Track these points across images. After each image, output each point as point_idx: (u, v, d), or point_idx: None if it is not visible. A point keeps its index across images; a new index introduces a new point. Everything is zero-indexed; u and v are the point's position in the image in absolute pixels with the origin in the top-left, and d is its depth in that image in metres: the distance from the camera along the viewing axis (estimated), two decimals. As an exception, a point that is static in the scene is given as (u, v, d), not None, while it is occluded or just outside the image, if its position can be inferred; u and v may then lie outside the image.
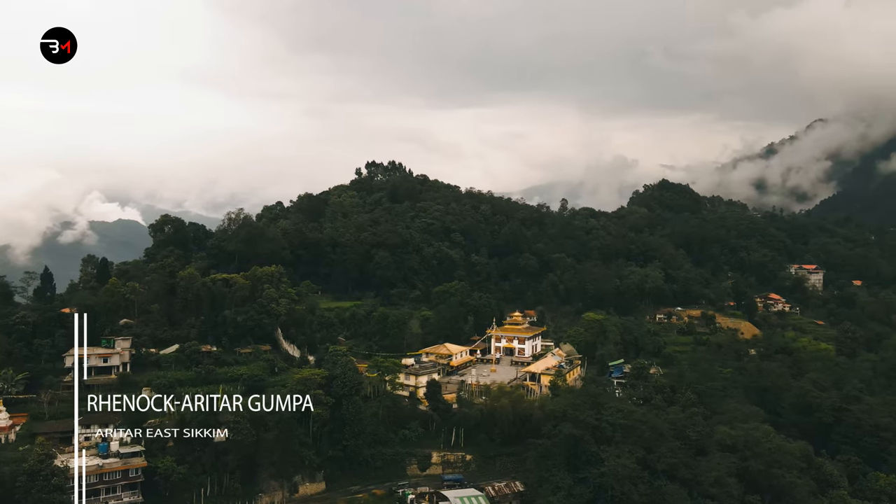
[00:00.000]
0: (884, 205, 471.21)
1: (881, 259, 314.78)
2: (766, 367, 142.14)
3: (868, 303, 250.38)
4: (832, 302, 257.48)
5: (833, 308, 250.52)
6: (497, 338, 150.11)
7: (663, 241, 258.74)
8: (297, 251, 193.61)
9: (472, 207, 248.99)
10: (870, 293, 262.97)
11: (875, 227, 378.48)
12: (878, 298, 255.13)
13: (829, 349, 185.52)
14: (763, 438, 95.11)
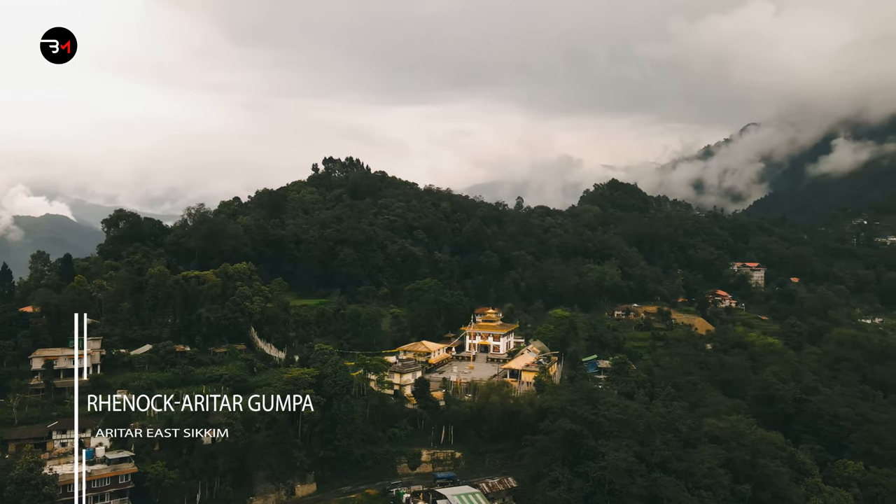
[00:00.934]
0: (812, 205, 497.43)
1: (815, 257, 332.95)
2: (728, 361, 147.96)
3: (806, 298, 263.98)
4: (774, 298, 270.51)
5: (775, 304, 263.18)
6: (472, 335, 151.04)
7: (618, 240, 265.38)
8: (259, 248, 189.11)
9: (432, 205, 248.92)
10: (808, 289, 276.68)
11: (807, 227, 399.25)
12: (815, 294, 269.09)
13: (777, 343, 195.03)
14: (747, 430, 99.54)
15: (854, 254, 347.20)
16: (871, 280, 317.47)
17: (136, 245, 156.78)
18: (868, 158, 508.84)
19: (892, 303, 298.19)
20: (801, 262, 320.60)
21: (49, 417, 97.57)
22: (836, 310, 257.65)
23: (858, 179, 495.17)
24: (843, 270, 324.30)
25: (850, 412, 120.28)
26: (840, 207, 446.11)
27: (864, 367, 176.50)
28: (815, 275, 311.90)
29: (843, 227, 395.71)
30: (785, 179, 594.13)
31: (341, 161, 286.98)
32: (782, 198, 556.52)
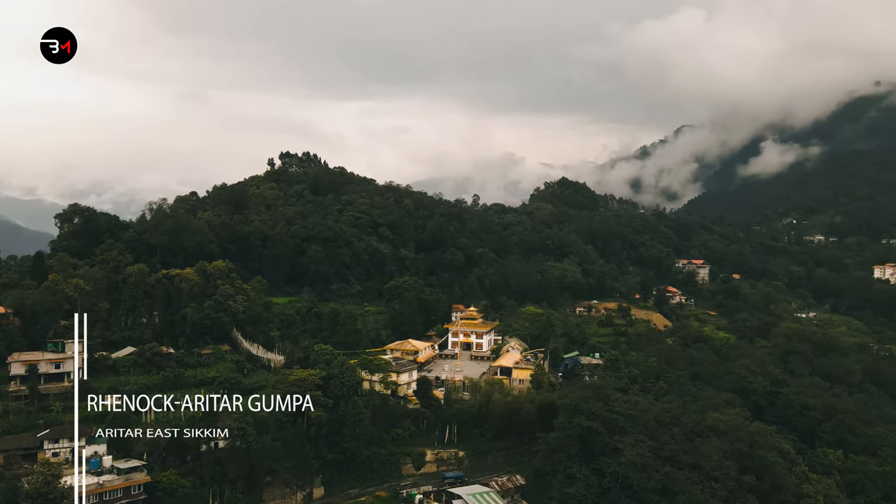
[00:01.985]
0: (743, 205, 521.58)
1: (752, 255, 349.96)
2: (698, 356, 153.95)
3: (749, 294, 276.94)
4: (719, 294, 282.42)
5: (721, 300, 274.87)
6: (455, 333, 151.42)
7: (574, 237, 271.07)
8: (224, 245, 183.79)
9: (394, 201, 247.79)
10: (750, 286, 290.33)
11: (742, 226, 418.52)
12: (758, 290, 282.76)
13: (730, 338, 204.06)
14: (744, 423, 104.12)
15: (787, 251, 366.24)
16: (803, 276, 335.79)
17: (110, 242, 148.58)
18: (794, 160, 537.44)
19: (822, 297, 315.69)
20: (739, 259, 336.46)
21: (35, 426, 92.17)
22: (777, 305, 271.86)
23: (785, 180, 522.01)
24: (778, 267, 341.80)
25: (819, 403, 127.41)
26: (771, 207, 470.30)
27: (812, 360, 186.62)
28: (753, 271, 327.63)
29: (775, 225, 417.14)
30: (717, 179, 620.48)
31: (298, 156, 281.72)
32: (715, 197, 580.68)
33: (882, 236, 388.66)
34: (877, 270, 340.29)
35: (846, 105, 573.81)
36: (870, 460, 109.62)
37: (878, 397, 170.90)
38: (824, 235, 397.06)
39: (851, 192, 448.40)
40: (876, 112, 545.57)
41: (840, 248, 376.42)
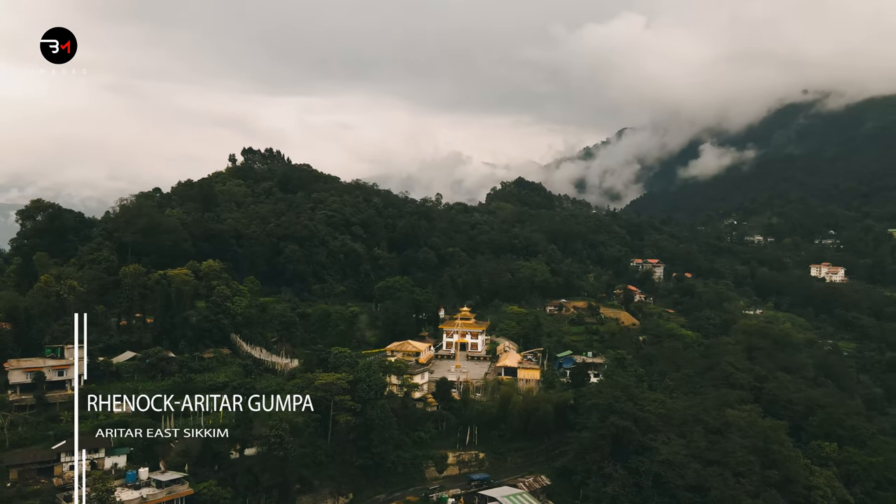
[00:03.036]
0: (683, 205, 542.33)
1: (699, 254, 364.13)
2: (682, 352, 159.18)
3: (704, 292, 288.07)
4: (676, 292, 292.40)
5: (677, 298, 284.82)
6: (449, 333, 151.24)
7: (541, 237, 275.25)
8: (198, 243, 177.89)
9: (363, 200, 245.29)
10: (704, 284, 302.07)
11: (687, 226, 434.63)
12: (711, 288, 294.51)
13: (695, 335, 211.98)
14: (759, 418, 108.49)
15: (731, 251, 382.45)
16: (747, 275, 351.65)
17: (98, 241, 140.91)
18: (730, 163, 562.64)
19: (765, 295, 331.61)
20: (689, 258, 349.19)
21: (44, 437, 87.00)
22: (730, 302, 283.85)
23: (723, 182, 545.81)
24: (724, 266, 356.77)
25: (802, 397, 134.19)
26: (712, 209, 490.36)
27: (775, 355, 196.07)
28: (702, 270, 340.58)
29: (717, 226, 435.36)
30: (658, 181, 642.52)
31: (261, 152, 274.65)
32: (656, 198, 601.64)
33: (815, 237, 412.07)
34: (813, 269, 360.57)
35: (777, 111, 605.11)
36: (859, 452, 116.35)
37: (832, 390, 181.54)
38: (763, 236, 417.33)
39: (784, 195, 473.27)
40: (804, 119, 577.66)
41: (778, 247, 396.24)
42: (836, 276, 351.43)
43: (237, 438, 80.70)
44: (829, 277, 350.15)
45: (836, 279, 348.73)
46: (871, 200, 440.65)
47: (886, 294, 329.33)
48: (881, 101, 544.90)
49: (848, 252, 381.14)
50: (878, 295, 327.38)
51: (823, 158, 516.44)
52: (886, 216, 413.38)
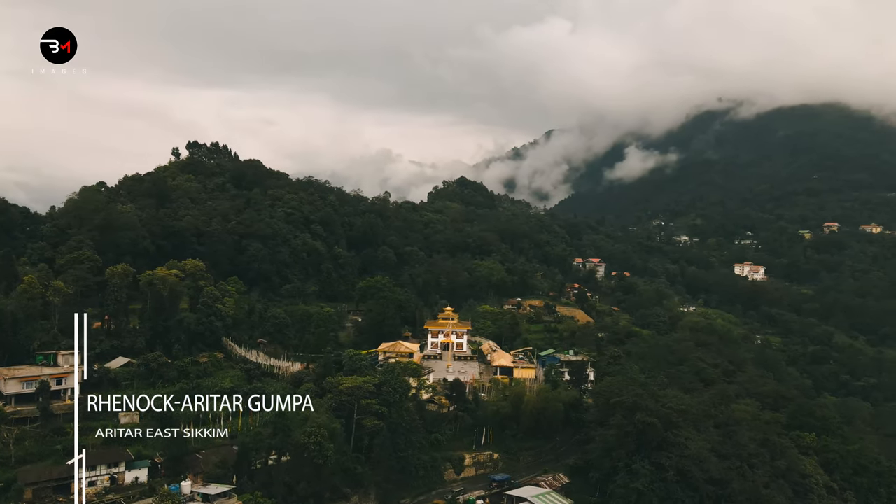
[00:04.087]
0: (609, 206, 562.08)
1: (634, 253, 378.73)
2: (656, 349, 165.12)
3: (644, 291, 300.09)
4: (618, 291, 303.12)
5: (620, 296, 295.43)
6: (434, 333, 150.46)
7: (494, 236, 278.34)
8: (157, 241, 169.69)
9: (319, 197, 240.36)
10: (644, 283, 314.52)
11: (619, 226, 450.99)
12: (651, 287, 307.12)
13: (649, 333, 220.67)
14: (759, 412, 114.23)
15: (661, 251, 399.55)
16: (677, 273, 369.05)
17: (78, 239, 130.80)
18: (654, 166, 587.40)
19: (695, 293, 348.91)
20: (624, 257, 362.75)
21: (52, 452, 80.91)
22: (668, 300, 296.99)
23: (647, 184, 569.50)
24: (656, 265, 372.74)
25: (771, 390, 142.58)
26: (639, 210, 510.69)
27: (722, 351, 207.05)
28: (636, 269, 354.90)
29: (646, 226, 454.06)
30: (585, 182, 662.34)
31: (207, 146, 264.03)
32: (583, 198, 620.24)
33: (735, 237, 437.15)
34: (737, 268, 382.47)
35: (695, 118, 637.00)
36: (835, 440, 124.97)
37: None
38: (689, 236, 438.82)
39: (706, 198, 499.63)
40: (720, 125, 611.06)
41: (704, 247, 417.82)
42: (757, 274, 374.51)
43: (274, 446, 77.47)
44: (752, 276, 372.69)
45: (757, 277, 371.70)
46: (783, 204, 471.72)
47: (803, 291, 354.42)
48: (789, 110, 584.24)
49: (765, 252, 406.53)
50: (796, 292, 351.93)
51: (738, 163, 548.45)
52: (797, 218, 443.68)
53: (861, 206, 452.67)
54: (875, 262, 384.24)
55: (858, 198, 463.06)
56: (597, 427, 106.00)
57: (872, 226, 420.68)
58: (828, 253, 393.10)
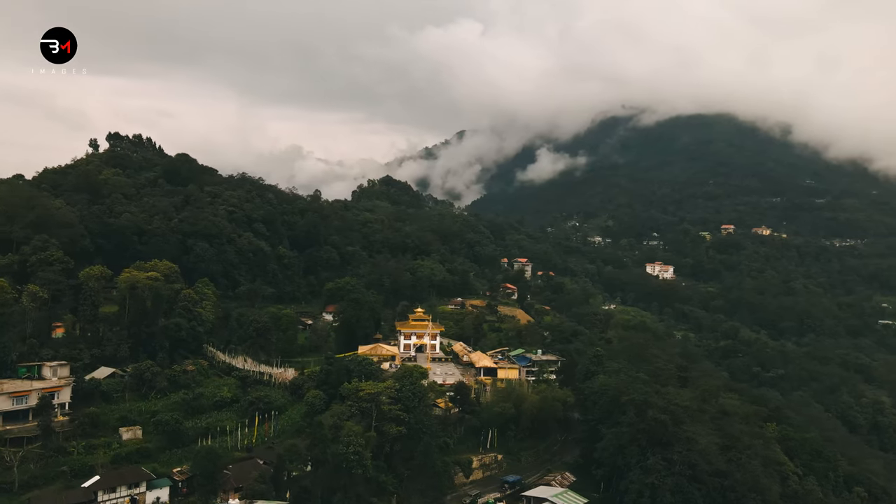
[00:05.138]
0: (522, 206, 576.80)
1: (554, 253, 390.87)
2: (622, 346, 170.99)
3: (571, 290, 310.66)
4: (546, 290, 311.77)
5: (548, 295, 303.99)
6: (407, 335, 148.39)
7: (432, 237, 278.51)
8: (96, 240, 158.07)
9: (257, 195, 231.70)
10: (571, 281, 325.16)
11: (538, 227, 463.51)
12: (578, 286, 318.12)
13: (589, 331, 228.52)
14: (741, 405, 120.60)
15: (580, 251, 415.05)
16: (595, 273, 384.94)
17: (43, 238, 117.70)
18: (564, 168, 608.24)
19: (612, 291, 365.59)
20: (546, 257, 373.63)
21: (59, 474, 73.72)
22: (594, 299, 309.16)
23: (558, 186, 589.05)
24: (576, 265, 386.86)
25: (722, 384, 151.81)
26: (551, 211, 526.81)
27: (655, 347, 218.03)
28: (558, 269, 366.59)
29: (563, 227, 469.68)
30: (497, 182, 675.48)
31: (129, 139, 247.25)
32: (496, 199, 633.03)
33: (643, 238, 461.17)
34: (648, 267, 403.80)
35: (601, 123, 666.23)
36: (793, 429, 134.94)
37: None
38: (602, 237, 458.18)
39: (614, 200, 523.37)
40: (624, 131, 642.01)
41: (617, 248, 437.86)
42: (667, 273, 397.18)
43: (313, 457, 73.98)
44: (662, 275, 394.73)
45: (667, 276, 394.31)
46: (684, 207, 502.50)
47: (709, 289, 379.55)
48: (685, 119, 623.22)
49: (672, 252, 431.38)
50: (703, 290, 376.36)
51: (642, 168, 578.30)
52: (697, 221, 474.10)
53: (751, 209, 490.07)
54: (768, 262, 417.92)
55: (749, 202, 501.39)
56: (597, 425, 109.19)
57: (763, 228, 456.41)
58: (727, 253, 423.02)
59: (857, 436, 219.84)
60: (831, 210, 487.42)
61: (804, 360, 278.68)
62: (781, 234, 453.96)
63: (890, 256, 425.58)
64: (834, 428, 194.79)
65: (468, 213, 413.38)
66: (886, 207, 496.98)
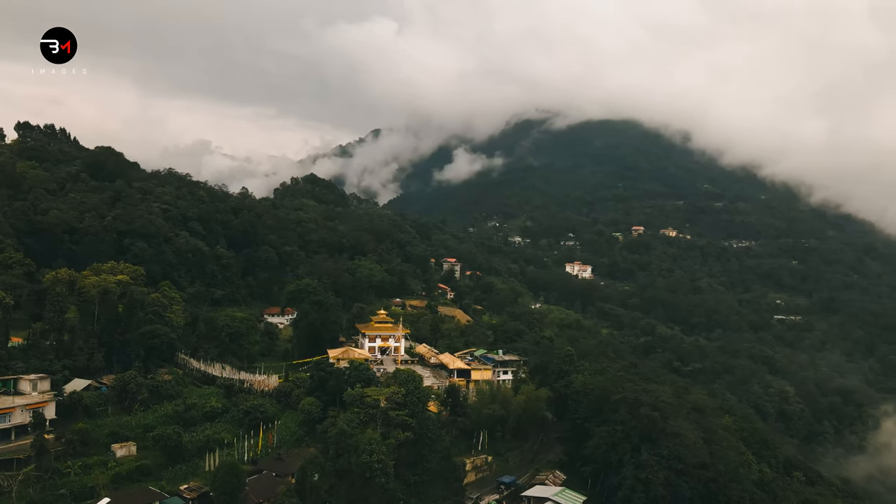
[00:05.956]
0: (439, 206, 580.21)
1: (479, 253, 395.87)
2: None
3: (502, 289, 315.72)
4: (477, 289, 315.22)
5: (479, 294, 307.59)
6: (371, 337, 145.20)
7: (368, 237, 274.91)
8: (22, 238, 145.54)
9: (189, 192, 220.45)
10: (502, 281, 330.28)
11: (460, 226, 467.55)
12: (507, 285, 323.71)
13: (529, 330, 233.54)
14: (707, 399, 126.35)
15: (502, 251, 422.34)
16: (518, 272, 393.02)
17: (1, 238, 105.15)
18: (481, 169, 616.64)
19: (536, 291, 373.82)
20: (471, 257, 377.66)
21: (58, 498, 67.26)
22: (523, 298, 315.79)
23: (476, 187, 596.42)
24: (500, 265, 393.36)
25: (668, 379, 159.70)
26: (470, 212, 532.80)
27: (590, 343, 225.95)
28: (483, 268, 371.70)
29: (484, 227, 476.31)
30: (413, 182, 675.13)
31: (40, 128, 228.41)
32: (412, 198, 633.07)
33: (561, 239, 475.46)
34: (567, 267, 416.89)
35: (515, 125, 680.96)
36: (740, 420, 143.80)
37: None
38: (521, 237, 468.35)
39: (531, 201, 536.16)
40: (538, 134, 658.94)
41: (537, 248, 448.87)
42: (585, 273, 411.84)
43: (338, 468, 70.90)
44: (581, 274, 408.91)
45: (586, 276, 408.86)
46: (596, 209, 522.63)
47: (625, 288, 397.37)
48: (595, 124, 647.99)
49: (588, 252, 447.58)
50: (620, 289, 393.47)
51: (555, 170, 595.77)
52: (610, 222, 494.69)
53: (658, 212, 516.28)
54: (675, 262, 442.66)
55: (655, 205, 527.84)
56: (583, 424, 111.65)
57: (669, 230, 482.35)
58: (638, 253, 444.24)
59: (767, 424, 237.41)
60: (728, 213, 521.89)
61: (717, 353, 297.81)
62: (686, 236, 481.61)
63: (780, 256, 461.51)
64: (750, 417, 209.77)
65: (392, 213, 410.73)
66: (775, 211, 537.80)
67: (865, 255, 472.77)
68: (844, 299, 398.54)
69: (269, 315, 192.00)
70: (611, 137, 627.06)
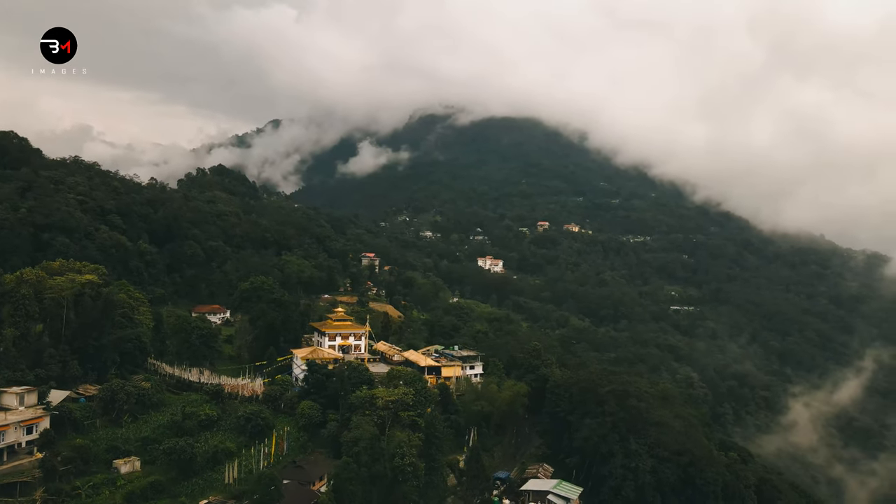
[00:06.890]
0: (343, 200, 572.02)
1: (393, 248, 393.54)
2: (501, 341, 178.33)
3: (423, 284, 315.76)
4: (398, 284, 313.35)
5: (401, 289, 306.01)
6: (332, 336, 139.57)
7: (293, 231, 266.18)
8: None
9: (102, 183, 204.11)
10: (423, 276, 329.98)
11: (369, 221, 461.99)
12: (428, 280, 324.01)
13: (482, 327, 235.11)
14: (670, 388, 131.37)
15: (415, 245, 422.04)
16: (432, 267, 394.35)
17: None
18: (387, 163, 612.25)
19: (451, 285, 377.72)
20: (385, 251, 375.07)
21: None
22: (444, 293, 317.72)
23: (381, 180, 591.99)
24: (414, 259, 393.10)
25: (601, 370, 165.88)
26: (376, 206, 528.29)
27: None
28: (399, 263, 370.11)
29: (394, 221, 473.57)
30: (316, 174, 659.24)
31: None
32: (315, 191, 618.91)
33: (470, 233, 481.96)
34: (480, 261, 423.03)
35: (420, 119, 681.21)
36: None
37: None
38: (432, 232, 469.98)
39: (439, 196, 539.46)
40: (442, 129, 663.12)
41: (448, 242, 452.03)
42: (497, 267, 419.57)
43: (373, 474, 67.65)
44: (493, 268, 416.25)
45: (498, 270, 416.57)
46: (502, 204, 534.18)
47: (536, 281, 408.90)
48: (499, 121, 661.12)
49: (498, 247, 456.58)
50: (531, 282, 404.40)
51: (461, 165, 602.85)
52: (516, 217, 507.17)
53: (561, 208, 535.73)
54: (580, 256, 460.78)
55: (558, 201, 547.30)
56: (566, 416, 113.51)
57: (573, 225, 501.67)
58: (545, 248, 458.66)
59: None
60: (624, 210, 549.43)
61: (628, 343, 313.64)
62: (588, 231, 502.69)
63: (672, 251, 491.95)
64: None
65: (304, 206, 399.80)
66: (665, 208, 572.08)
67: (744, 249, 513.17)
68: (730, 290, 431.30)
69: (196, 314, 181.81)
70: (514, 135, 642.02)
